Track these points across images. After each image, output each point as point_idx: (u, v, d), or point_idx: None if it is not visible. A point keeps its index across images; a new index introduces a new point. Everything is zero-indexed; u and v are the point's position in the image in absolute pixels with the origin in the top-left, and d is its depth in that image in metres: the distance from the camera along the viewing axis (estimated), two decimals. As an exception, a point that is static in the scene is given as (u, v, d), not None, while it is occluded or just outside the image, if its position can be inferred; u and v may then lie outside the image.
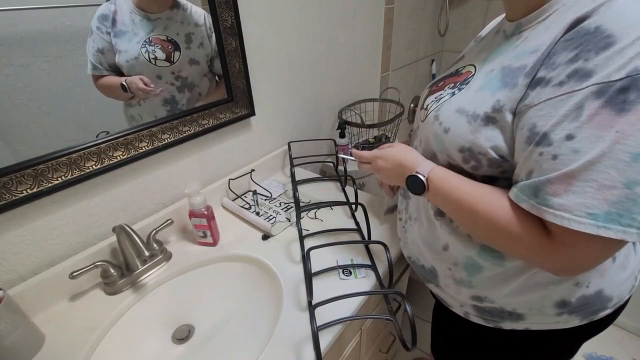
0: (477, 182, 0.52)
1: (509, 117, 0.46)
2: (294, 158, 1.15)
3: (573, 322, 0.57)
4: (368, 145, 1.41)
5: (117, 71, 0.75)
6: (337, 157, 1.18)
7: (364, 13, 1.37)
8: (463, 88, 0.54)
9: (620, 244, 0.40)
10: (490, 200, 0.48)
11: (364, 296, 0.70)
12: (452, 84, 0.58)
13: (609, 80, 0.37)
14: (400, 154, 0.61)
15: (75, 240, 0.75)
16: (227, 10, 0.85)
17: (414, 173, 0.56)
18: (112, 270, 0.73)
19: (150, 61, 0.79)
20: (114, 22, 0.73)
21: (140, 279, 0.77)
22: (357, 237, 0.87)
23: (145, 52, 0.78)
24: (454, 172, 0.54)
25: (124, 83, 0.76)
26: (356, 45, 1.40)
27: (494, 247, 0.54)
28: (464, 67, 0.59)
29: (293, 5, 1.05)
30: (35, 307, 0.69)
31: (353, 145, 1.42)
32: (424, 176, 0.55)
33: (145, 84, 0.79)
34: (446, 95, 0.56)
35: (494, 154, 0.48)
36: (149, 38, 0.78)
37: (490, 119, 0.47)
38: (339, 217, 0.94)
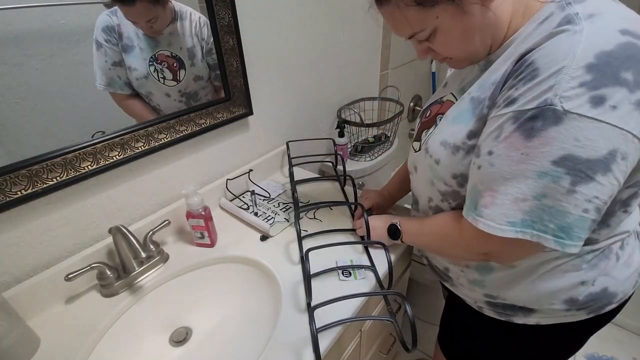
0: (430, 218, 0.65)
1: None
2: (293, 158, 1.14)
3: (580, 316, 0.60)
4: (368, 145, 1.41)
5: (132, 87, 0.76)
6: (336, 157, 1.17)
7: (362, 10, 1.36)
8: (442, 118, 0.60)
9: (537, 246, 0.46)
10: (442, 222, 0.62)
11: (364, 297, 0.69)
12: (437, 115, 0.63)
13: (523, 109, 0.43)
14: (379, 219, 0.78)
15: (71, 241, 0.74)
16: (224, 8, 0.84)
17: (392, 223, 0.74)
18: (109, 272, 0.72)
19: (159, 80, 0.80)
20: (120, 35, 0.72)
21: (137, 280, 0.76)
22: (357, 237, 0.86)
23: (155, 72, 0.79)
24: (411, 218, 0.72)
25: None
26: (355, 43, 1.39)
27: (449, 257, 0.67)
28: (446, 95, 0.65)
29: (291, 3, 1.04)
30: (30, 310, 0.68)
31: (352, 145, 1.41)
32: (397, 223, 0.72)
33: None
34: (432, 127, 0.63)
35: None
36: (154, 55, 0.78)
37: (469, 147, 0.53)
38: (338, 217, 0.94)
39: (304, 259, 0.69)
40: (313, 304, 0.65)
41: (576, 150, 0.39)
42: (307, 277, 0.67)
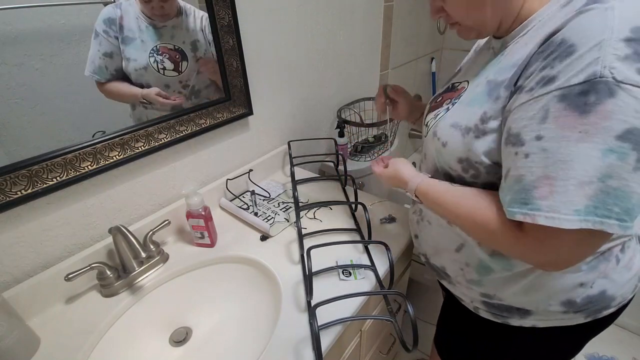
0: (458, 186, 0.58)
1: (496, 126, 0.50)
2: (295, 157, 1.14)
3: (578, 319, 0.59)
4: (368, 145, 1.41)
5: (121, 76, 0.75)
6: (337, 157, 1.17)
7: (363, 10, 1.36)
8: (456, 103, 0.59)
9: (601, 236, 0.42)
10: (470, 202, 0.54)
11: (364, 297, 0.69)
12: (449, 100, 0.62)
13: (570, 85, 0.40)
14: (399, 165, 0.70)
15: (71, 241, 0.74)
16: (224, 8, 0.84)
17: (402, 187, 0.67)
18: (109, 272, 0.72)
19: (158, 71, 0.80)
20: (121, 27, 0.72)
21: (137, 280, 0.76)
22: (357, 237, 0.86)
23: (154, 62, 0.78)
24: (440, 181, 0.61)
25: (144, 100, 0.79)
26: (355, 43, 1.39)
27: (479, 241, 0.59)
28: (460, 82, 0.63)
29: (291, 3, 1.04)
30: (30, 310, 0.68)
31: (352, 144, 1.41)
32: (412, 192, 0.65)
33: (165, 97, 0.82)
34: (442, 111, 0.61)
35: (488, 161, 0.53)
36: (156, 47, 0.78)
37: (480, 130, 0.52)
38: (338, 217, 0.94)
39: (305, 257, 0.69)
40: (314, 302, 0.65)
41: (638, 123, 0.37)
42: (309, 276, 0.67)
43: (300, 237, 0.82)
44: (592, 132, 0.39)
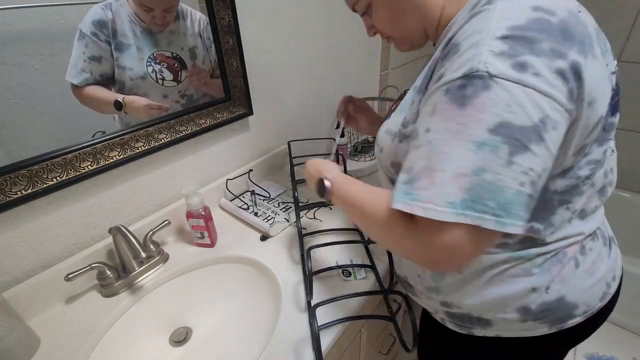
0: (370, 186, 0.56)
1: (412, 130, 0.50)
2: (295, 157, 1.14)
3: (541, 329, 0.56)
4: (368, 145, 1.41)
5: (105, 82, 0.70)
6: (338, 157, 1.17)
7: (363, 11, 1.36)
8: (396, 109, 0.60)
9: (486, 234, 0.41)
10: (372, 199, 0.52)
11: (364, 297, 0.69)
12: (395, 107, 0.63)
13: (452, 79, 0.41)
14: (321, 163, 0.68)
15: (71, 241, 0.74)
16: (224, 9, 0.83)
17: (322, 177, 0.62)
18: (109, 272, 0.72)
19: (157, 81, 0.77)
20: (114, 32, 0.68)
21: (137, 280, 0.76)
22: (357, 237, 0.86)
23: (152, 72, 0.75)
24: (354, 180, 0.60)
25: (121, 101, 0.71)
26: (355, 43, 1.39)
27: (379, 242, 0.57)
28: (408, 89, 0.65)
29: (291, 3, 1.04)
30: (30, 310, 0.68)
31: (352, 145, 1.41)
32: (328, 180, 0.61)
33: (151, 106, 0.77)
34: (387, 118, 0.63)
35: None
36: (153, 54, 0.74)
37: (402, 134, 0.53)
38: (338, 217, 0.94)
39: (305, 257, 0.69)
40: (314, 302, 0.65)
41: (510, 117, 0.38)
42: (309, 276, 0.67)
43: (301, 237, 0.82)
44: (468, 125, 0.39)
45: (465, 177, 0.39)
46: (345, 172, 1.08)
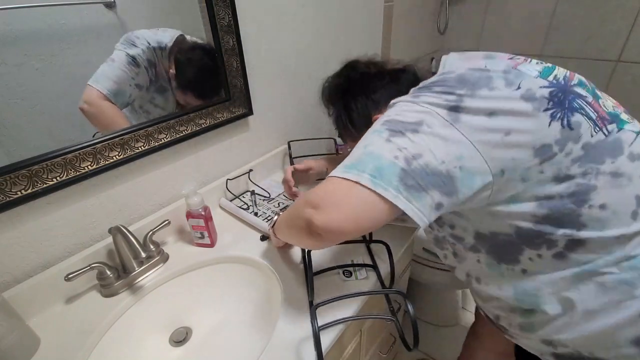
0: None
1: None
2: (295, 157, 1.14)
3: None
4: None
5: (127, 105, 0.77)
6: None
7: (363, 11, 1.36)
8: None
9: (371, 202, 0.48)
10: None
11: (364, 297, 0.69)
12: None
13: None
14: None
15: (71, 241, 0.74)
16: (224, 8, 0.83)
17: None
18: (109, 272, 0.72)
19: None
20: (156, 75, 0.76)
21: (137, 280, 0.76)
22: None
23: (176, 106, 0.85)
24: None
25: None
26: (355, 43, 1.39)
27: (302, 243, 0.63)
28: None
29: (291, 3, 1.04)
30: (30, 310, 0.68)
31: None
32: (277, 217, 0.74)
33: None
34: None
35: None
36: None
37: None
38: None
39: (306, 258, 0.69)
40: (315, 303, 0.65)
41: (396, 117, 0.53)
42: (310, 276, 0.67)
43: None
44: (374, 125, 0.55)
45: (357, 150, 0.53)
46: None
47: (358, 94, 0.76)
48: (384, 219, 0.49)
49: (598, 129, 0.50)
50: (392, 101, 0.58)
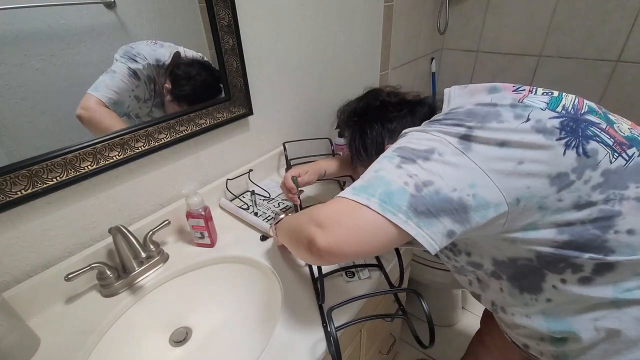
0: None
1: None
2: (293, 158, 1.14)
3: None
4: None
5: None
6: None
7: (363, 11, 1.36)
8: None
9: (380, 226, 0.48)
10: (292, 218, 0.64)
11: (364, 297, 0.69)
12: None
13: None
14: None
15: (71, 241, 0.74)
16: (224, 9, 0.83)
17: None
18: (109, 272, 0.72)
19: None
20: (158, 91, 0.78)
21: (137, 280, 0.76)
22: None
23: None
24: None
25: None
26: (355, 43, 1.39)
27: (305, 259, 0.63)
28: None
29: (291, 3, 1.04)
30: (30, 310, 0.68)
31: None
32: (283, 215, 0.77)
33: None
34: None
35: None
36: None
37: None
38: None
39: None
40: (325, 305, 0.65)
41: (408, 145, 0.54)
42: (319, 279, 0.67)
43: None
44: (385, 152, 0.56)
45: (367, 174, 0.54)
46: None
47: (375, 120, 0.78)
48: (392, 243, 0.49)
49: (617, 155, 0.50)
50: (404, 131, 0.60)
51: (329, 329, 0.58)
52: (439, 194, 0.48)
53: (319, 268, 0.70)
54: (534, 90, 0.57)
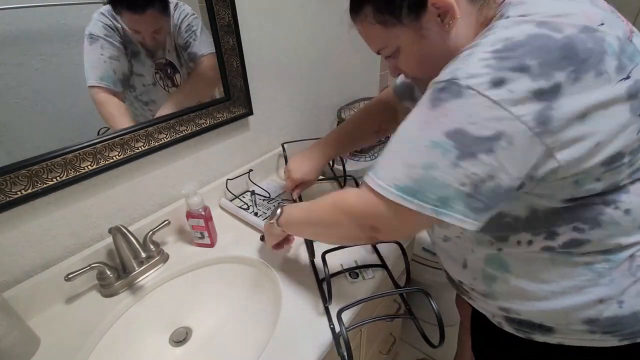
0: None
1: None
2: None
3: (610, 341, 0.53)
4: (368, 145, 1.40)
5: (125, 82, 0.74)
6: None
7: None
8: None
9: (426, 219, 0.46)
10: (316, 208, 0.61)
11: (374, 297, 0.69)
12: None
13: (437, 81, 0.45)
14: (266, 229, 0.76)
15: (71, 241, 0.74)
16: (224, 8, 0.83)
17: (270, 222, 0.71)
18: (109, 272, 0.72)
19: (164, 89, 0.80)
20: (126, 37, 0.70)
21: (137, 280, 0.76)
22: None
23: (160, 80, 0.78)
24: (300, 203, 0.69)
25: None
26: (355, 43, 1.38)
27: (337, 242, 0.67)
28: None
29: (292, 3, 1.04)
30: (30, 310, 0.68)
31: (368, 145, 1.40)
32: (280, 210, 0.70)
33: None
34: None
35: None
36: (154, 62, 0.77)
37: None
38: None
39: (322, 262, 0.68)
40: (330, 306, 0.65)
41: (467, 127, 0.41)
42: (327, 280, 0.66)
43: (310, 241, 0.79)
44: (430, 124, 0.44)
45: (414, 169, 0.45)
46: (345, 172, 1.09)
47: None
48: None
49: None
50: (465, 51, 0.44)
51: (337, 330, 0.57)
52: (500, 188, 0.43)
53: (325, 269, 0.69)
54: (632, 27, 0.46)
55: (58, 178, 0.67)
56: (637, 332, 0.52)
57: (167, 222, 0.82)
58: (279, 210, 0.70)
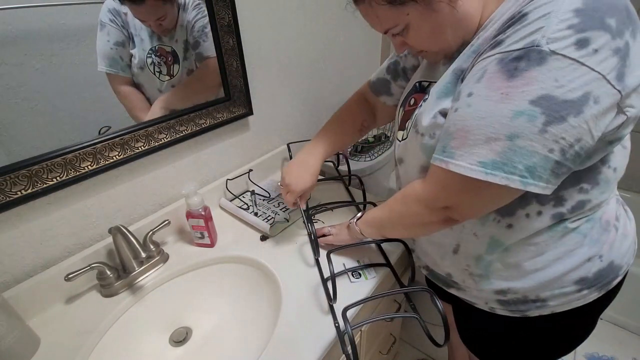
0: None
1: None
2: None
3: (592, 295, 0.59)
4: (368, 145, 1.41)
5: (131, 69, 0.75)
6: (338, 157, 1.17)
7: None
8: (427, 98, 0.59)
9: (507, 192, 0.46)
10: (397, 195, 0.62)
11: (379, 296, 0.69)
12: (421, 99, 0.62)
13: (509, 50, 0.43)
14: (336, 225, 0.82)
15: (71, 241, 0.74)
16: (224, 8, 0.83)
17: (350, 222, 0.75)
18: (109, 272, 0.72)
19: (154, 74, 0.78)
20: (125, 22, 0.71)
21: (137, 280, 0.76)
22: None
23: (151, 64, 0.77)
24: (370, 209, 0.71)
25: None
26: (355, 43, 1.39)
27: (418, 235, 0.68)
28: (427, 81, 0.65)
29: (292, 4, 1.04)
30: (30, 310, 0.68)
31: (352, 145, 1.41)
32: (357, 219, 0.74)
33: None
34: (417, 109, 0.61)
35: None
36: (155, 47, 0.77)
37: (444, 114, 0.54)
38: (338, 218, 0.93)
39: (328, 261, 0.68)
40: (335, 304, 0.65)
41: (554, 91, 0.40)
42: (332, 279, 0.66)
43: (315, 240, 0.79)
44: (511, 95, 0.42)
45: (497, 141, 0.43)
46: (350, 171, 1.09)
47: None
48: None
49: None
50: (530, 14, 0.42)
51: (342, 329, 0.57)
52: (583, 149, 0.43)
53: (330, 267, 0.68)
54: None
55: (58, 178, 0.67)
56: (610, 281, 0.59)
57: (167, 222, 0.82)
58: (359, 213, 0.74)
